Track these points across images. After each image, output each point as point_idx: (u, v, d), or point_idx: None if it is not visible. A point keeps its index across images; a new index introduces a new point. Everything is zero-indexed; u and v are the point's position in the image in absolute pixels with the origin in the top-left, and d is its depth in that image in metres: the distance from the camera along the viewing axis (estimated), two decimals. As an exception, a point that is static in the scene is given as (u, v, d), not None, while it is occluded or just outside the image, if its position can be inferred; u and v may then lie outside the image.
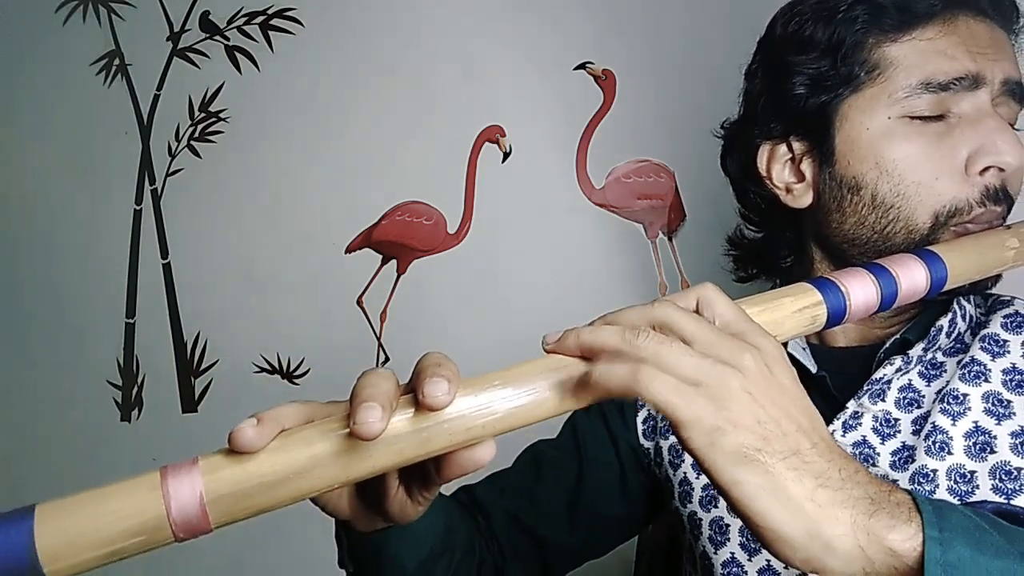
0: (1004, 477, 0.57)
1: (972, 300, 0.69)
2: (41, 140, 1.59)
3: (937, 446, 0.60)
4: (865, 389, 0.64)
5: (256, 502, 0.37)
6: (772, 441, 0.39)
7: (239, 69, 1.51)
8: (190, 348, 1.52)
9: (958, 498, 0.58)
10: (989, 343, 0.63)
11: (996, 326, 0.65)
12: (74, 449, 1.55)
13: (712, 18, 1.30)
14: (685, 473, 0.73)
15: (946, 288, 0.58)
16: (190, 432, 1.49)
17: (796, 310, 0.50)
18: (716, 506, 0.70)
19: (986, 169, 0.62)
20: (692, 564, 0.74)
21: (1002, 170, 0.62)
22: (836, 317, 0.52)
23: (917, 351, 0.64)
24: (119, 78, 1.56)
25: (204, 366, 1.51)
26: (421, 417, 0.39)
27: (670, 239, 1.34)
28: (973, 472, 0.58)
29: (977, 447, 0.59)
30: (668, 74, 1.33)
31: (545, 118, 1.37)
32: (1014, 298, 0.68)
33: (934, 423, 0.61)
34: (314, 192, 1.47)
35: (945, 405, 0.61)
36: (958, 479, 0.58)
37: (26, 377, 1.59)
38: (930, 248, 0.59)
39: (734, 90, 0.76)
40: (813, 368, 0.68)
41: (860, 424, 0.64)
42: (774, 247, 0.77)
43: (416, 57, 1.43)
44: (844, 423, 0.65)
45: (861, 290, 0.53)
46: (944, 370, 0.64)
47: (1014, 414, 0.59)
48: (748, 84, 0.74)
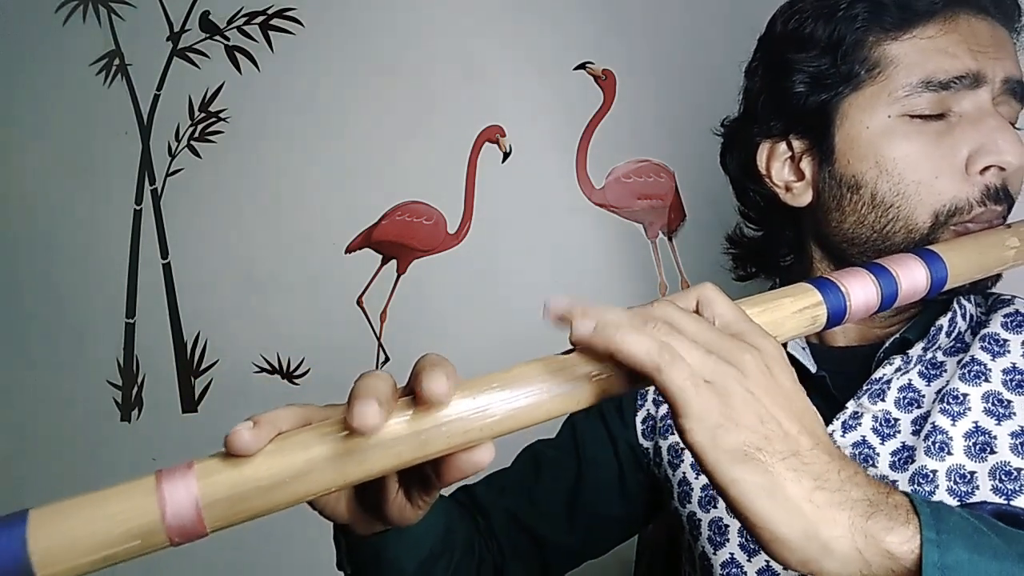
0: (1004, 478, 0.57)
1: (972, 299, 0.68)
2: (41, 140, 1.59)
3: (937, 446, 0.60)
4: (865, 389, 0.64)
5: (252, 506, 0.37)
6: (773, 441, 0.39)
7: (239, 69, 1.51)
8: (190, 348, 1.52)
9: (958, 499, 0.58)
10: (989, 342, 0.63)
11: (996, 325, 0.64)
12: (74, 449, 1.55)
13: (712, 18, 1.30)
14: (684, 473, 0.73)
15: (946, 288, 0.58)
16: (190, 432, 1.49)
17: (796, 310, 0.50)
18: (715, 506, 0.70)
19: (987, 168, 0.61)
20: (691, 564, 0.74)
21: (1003, 169, 0.62)
22: (836, 317, 0.52)
23: (917, 351, 0.64)
24: (119, 78, 1.56)
25: (204, 366, 1.51)
26: (419, 420, 0.39)
27: (670, 239, 1.34)
28: (973, 473, 0.58)
29: (977, 447, 0.59)
30: (668, 74, 1.33)
31: (545, 118, 1.37)
32: (1014, 297, 0.68)
33: (934, 423, 0.61)
34: (314, 192, 1.47)
35: (945, 405, 0.61)
36: (958, 480, 0.58)
37: (26, 377, 1.59)
38: (930, 248, 0.59)
39: (734, 90, 0.76)
40: (813, 368, 0.68)
41: (860, 424, 0.64)
42: (773, 246, 0.77)
43: (416, 57, 1.43)
44: (844, 423, 0.64)
45: (861, 290, 0.53)
46: (944, 370, 0.64)
47: (1014, 414, 0.59)
48: (748, 82, 0.74)
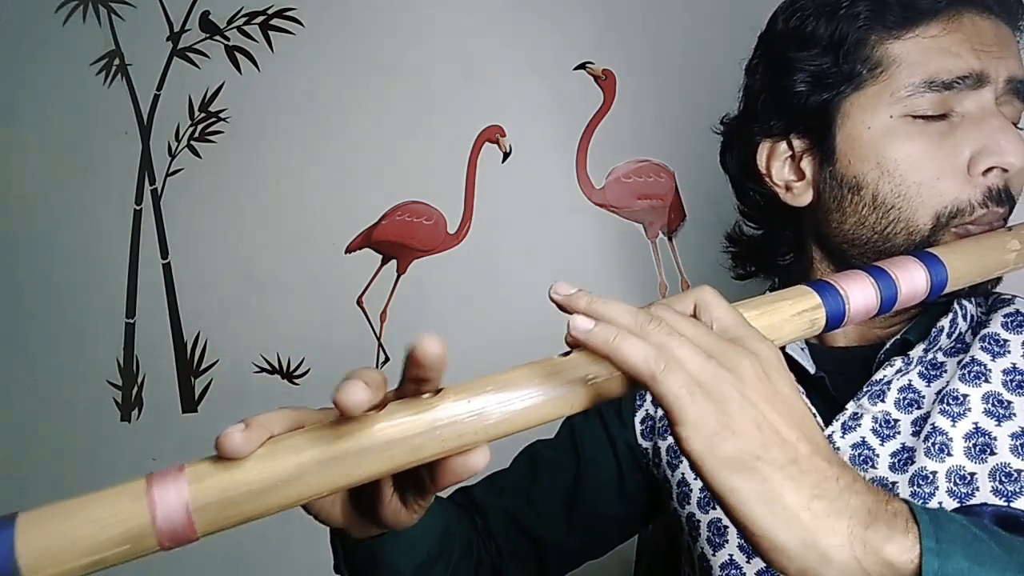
0: (1004, 479, 0.57)
1: (973, 299, 0.68)
2: (41, 140, 1.59)
3: (937, 447, 0.59)
4: (865, 390, 0.64)
5: (243, 510, 0.37)
6: (770, 449, 0.39)
7: (239, 69, 1.50)
8: (190, 348, 1.52)
9: (958, 500, 0.57)
10: (989, 343, 0.63)
11: (996, 325, 0.64)
12: (74, 449, 1.55)
13: (712, 18, 1.30)
14: (683, 474, 0.73)
15: (946, 291, 0.58)
16: (190, 432, 1.49)
17: (794, 314, 0.50)
18: (714, 508, 0.70)
19: (989, 170, 0.61)
20: (690, 566, 0.74)
21: (1005, 171, 0.61)
22: (835, 321, 0.51)
23: (918, 352, 0.63)
24: (119, 78, 1.56)
25: (204, 366, 1.51)
26: (412, 423, 0.39)
27: (670, 239, 1.34)
28: (973, 474, 0.58)
29: (977, 448, 0.58)
30: (668, 74, 1.32)
31: (545, 118, 1.37)
32: (1015, 296, 0.68)
33: (934, 424, 0.60)
34: (314, 192, 1.47)
35: (945, 406, 0.60)
36: (958, 481, 0.58)
37: (26, 377, 1.59)
38: (931, 250, 0.58)
39: (734, 90, 0.75)
40: (811, 369, 0.67)
41: (859, 425, 0.64)
42: (773, 245, 0.76)
43: (416, 57, 1.43)
44: (843, 424, 0.64)
45: (860, 293, 0.53)
46: (944, 370, 0.64)
47: (1014, 415, 0.59)
48: (748, 79, 0.73)
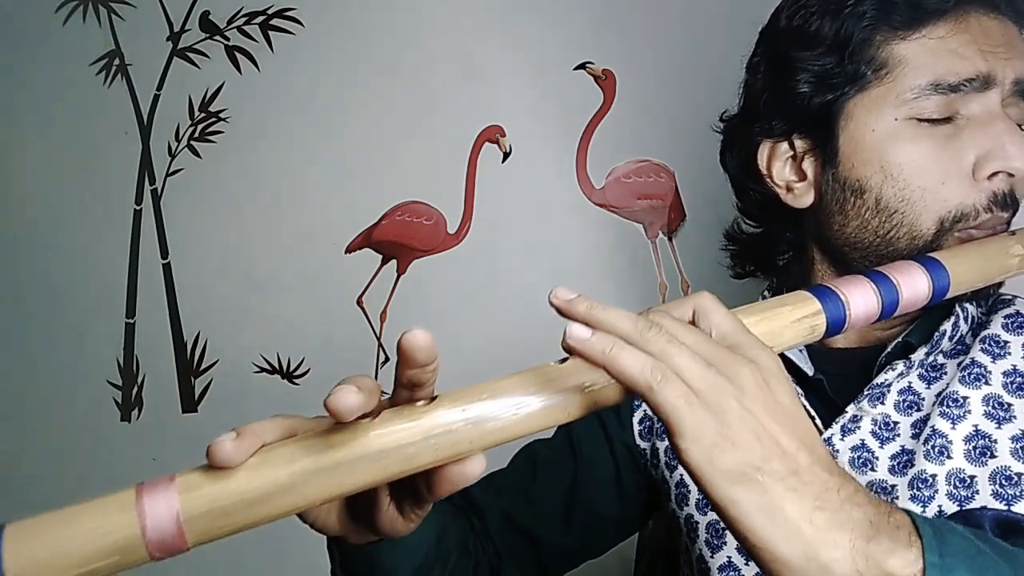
0: (1004, 482, 0.56)
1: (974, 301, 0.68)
2: (41, 140, 1.59)
3: (936, 450, 0.59)
4: (865, 393, 0.63)
5: (235, 520, 0.36)
6: (771, 460, 0.38)
7: (239, 69, 1.50)
8: (190, 348, 1.52)
9: (957, 503, 0.57)
10: (990, 344, 0.62)
11: (997, 327, 0.63)
12: (74, 449, 1.55)
13: (712, 18, 1.30)
14: (682, 475, 0.72)
15: (948, 296, 0.57)
16: (190, 432, 1.49)
17: (795, 320, 0.49)
18: (713, 509, 0.69)
19: (995, 174, 0.60)
20: (689, 567, 0.73)
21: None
22: (835, 327, 0.51)
23: (920, 355, 0.63)
24: (119, 78, 1.56)
25: (204, 366, 1.51)
26: (406, 432, 0.39)
27: (670, 239, 1.34)
28: (973, 477, 0.57)
29: (977, 451, 0.58)
30: (668, 74, 1.32)
31: (545, 118, 1.37)
32: (1015, 297, 0.67)
33: (933, 427, 0.59)
34: (314, 192, 1.47)
35: (945, 408, 0.60)
36: (957, 484, 0.57)
37: (26, 377, 1.59)
38: (933, 256, 0.58)
39: (734, 90, 0.74)
40: (810, 371, 0.66)
41: (859, 428, 0.63)
42: (772, 245, 0.75)
43: (416, 57, 1.43)
44: (843, 427, 0.64)
45: (861, 299, 0.52)
46: (944, 372, 0.63)
47: (1015, 417, 0.58)
48: (749, 77, 0.72)
